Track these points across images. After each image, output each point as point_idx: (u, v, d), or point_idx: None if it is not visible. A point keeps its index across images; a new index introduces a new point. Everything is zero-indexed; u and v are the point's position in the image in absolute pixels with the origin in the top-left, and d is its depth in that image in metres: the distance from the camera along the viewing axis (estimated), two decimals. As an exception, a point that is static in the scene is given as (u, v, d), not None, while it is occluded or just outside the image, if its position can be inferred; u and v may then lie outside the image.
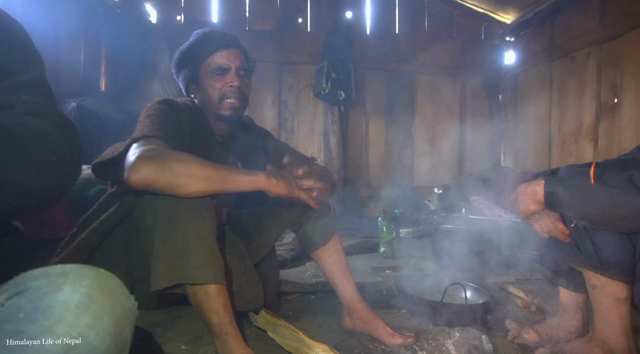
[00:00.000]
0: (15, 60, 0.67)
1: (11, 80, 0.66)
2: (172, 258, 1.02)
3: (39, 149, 0.60)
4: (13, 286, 0.52)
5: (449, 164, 4.55)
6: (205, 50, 1.35)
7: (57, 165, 0.62)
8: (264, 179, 1.10)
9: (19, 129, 0.60)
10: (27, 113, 0.64)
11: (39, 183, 0.60)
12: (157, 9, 4.08)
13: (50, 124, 0.64)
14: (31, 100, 0.66)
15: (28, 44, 0.71)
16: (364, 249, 2.56)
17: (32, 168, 0.59)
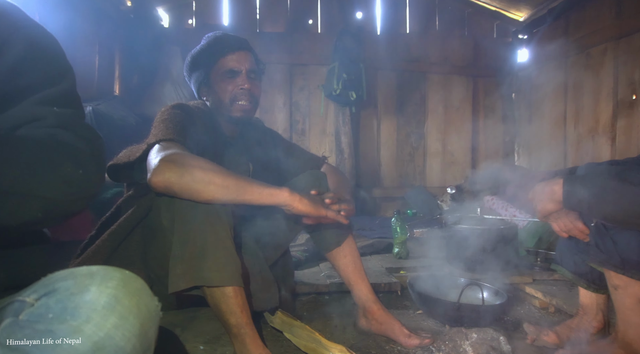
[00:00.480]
0: (48, 73, 0.69)
1: (44, 92, 0.67)
2: (190, 260, 1.03)
3: (67, 162, 0.61)
4: (42, 287, 0.53)
5: (462, 163, 4.52)
6: (216, 54, 1.37)
7: (83, 178, 0.63)
8: (286, 194, 1.09)
9: (49, 141, 0.61)
10: (58, 125, 0.65)
11: (65, 196, 0.61)
12: (169, 14, 4.12)
13: (79, 137, 0.65)
14: (62, 112, 0.67)
15: (61, 57, 0.72)
16: (377, 250, 2.55)
17: (59, 181, 0.60)
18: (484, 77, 4.47)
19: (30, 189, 0.57)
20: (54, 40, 0.72)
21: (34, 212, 0.58)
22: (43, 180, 0.58)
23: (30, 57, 0.67)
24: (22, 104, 0.65)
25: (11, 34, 0.66)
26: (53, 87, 0.68)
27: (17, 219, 0.57)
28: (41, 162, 0.58)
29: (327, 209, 1.17)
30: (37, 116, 0.65)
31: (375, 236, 2.98)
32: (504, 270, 1.97)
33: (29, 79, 0.66)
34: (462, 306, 1.45)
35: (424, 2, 4.44)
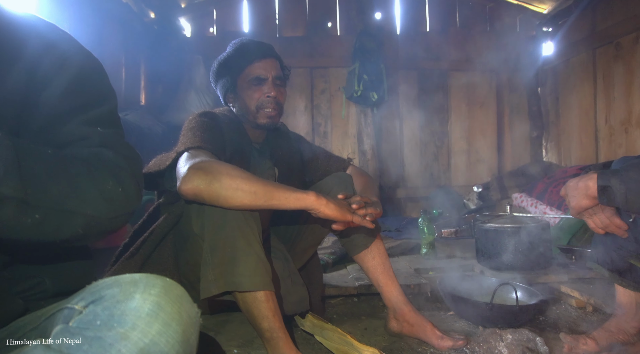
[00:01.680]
0: (94, 96, 0.72)
1: (90, 113, 0.70)
2: (221, 266, 1.05)
3: (109, 180, 0.63)
4: (89, 294, 0.55)
5: (488, 161, 4.43)
6: (242, 61, 1.39)
7: (122, 196, 0.65)
8: (313, 197, 1.10)
9: (93, 160, 0.64)
10: (101, 145, 0.68)
11: (105, 213, 0.63)
12: (191, 23, 4.21)
13: (120, 156, 0.68)
14: (105, 132, 0.70)
15: (105, 80, 0.76)
16: (405, 251, 2.53)
17: (100, 199, 0.62)
18: (508, 73, 4.38)
19: (74, 206, 0.59)
20: (99, 65, 0.77)
21: (75, 229, 0.60)
22: (86, 197, 0.60)
23: (80, 81, 0.71)
24: (70, 125, 0.69)
25: (66, 60, 0.70)
26: (98, 108, 0.72)
27: (59, 235, 0.59)
28: (85, 180, 0.61)
29: (353, 214, 1.17)
30: (83, 135, 0.68)
31: (402, 237, 2.96)
32: (537, 269, 1.92)
33: (78, 101, 0.70)
34: (496, 307, 1.42)
35: (443, 0, 4.39)
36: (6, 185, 0.52)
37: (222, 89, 1.46)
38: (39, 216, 0.56)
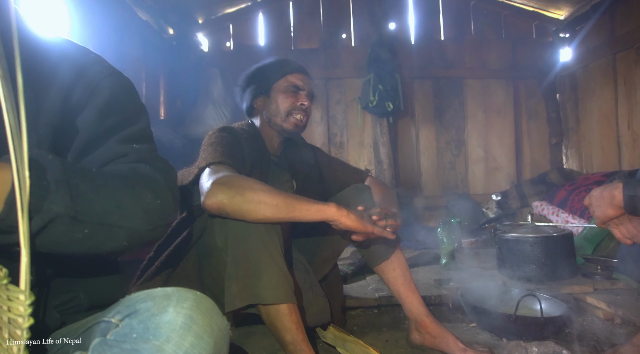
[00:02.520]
0: (128, 114, 0.76)
1: (125, 131, 0.74)
2: (244, 279, 1.06)
3: (147, 194, 0.66)
4: (124, 307, 0.57)
5: (506, 169, 4.38)
6: (283, 69, 1.46)
7: (160, 208, 0.67)
8: (334, 209, 1.12)
9: (132, 175, 0.67)
10: (138, 161, 0.71)
11: (145, 225, 0.65)
12: (208, 38, 4.30)
13: (156, 170, 0.71)
14: (141, 148, 0.74)
15: (137, 98, 0.80)
16: (424, 261, 2.51)
17: (140, 212, 0.64)
18: (525, 79, 4.34)
19: (117, 220, 0.61)
20: (130, 83, 0.80)
21: (119, 241, 0.63)
22: (127, 211, 0.63)
23: (113, 101, 0.74)
24: (107, 144, 0.72)
25: (100, 81, 0.73)
26: (132, 125, 0.75)
27: (105, 248, 0.62)
28: (126, 194, 0.63)
29: (373, 225, 1.18)
30: (121, 153, 0.71)
31: (420, 247, 2.94)
32: (561, 279, 1.88)
33: (113, 121, 0.74)
34: (520, 318, 1.40)
35: (457, 8, 4.39)
36: (58, 203, 0.54)
37: (254, 91, 1.49)
38: (87, 230, 0.58)
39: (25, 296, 0.47)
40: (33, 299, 0.47)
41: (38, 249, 0.56)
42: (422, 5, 4.38)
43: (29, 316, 0.47)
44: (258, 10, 4.28)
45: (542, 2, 4.09)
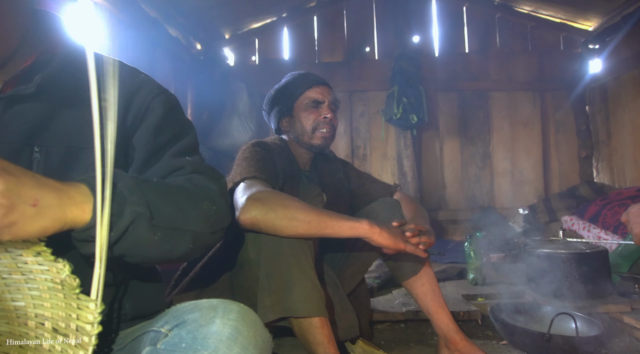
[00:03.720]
0: (179, 129, 0.81)
1: (177, 146, 0.79)
2: (277, 292, 1.07)
3: (205, 201, 0.70)
4: (172, 318, 0.59)
5: (533, 182, 4.29)
6: (301, 86, 1.48)
7: (217, 213, 0.71)
8: (367, 226, 1.12)
9: (189, 185, 0.71)
10: (192, 172, 0.75)
11: (207, 229, 0.69)
12: (234, 53, 4.40)
13: (210, 180, 0.75)
14: (193, 160, 0.78)
15: (183, 113, 0.85)
16: (451, 276, 2.47)
17: (201, 217, 0.68)
18: (552, 91, 4.27)
19: (183, 224, 0.65)
20: (176, 99, 0.85)
21: (187, 245, 0.67)
22: (190, 216, 0.67)
23: (166, 118, 0.79)
24: (164, 158, 0.77)
25: (151, 101, 0.78)
26: (183, 139, 0.80)
27: (176, 252, 0.66)
28: (187, 202, 0.67)
29: (406, 243, 1.18)
30: (177, 166, 0.76)
31: (446, 261, 2.90)
32: (595, 298, 1.82)
33: (167, 136, 0.78)
34: (554, 337, 1.36)
35: (482, 20, 4.38)
36: (135, 203, 0.59)
37: (278, 113, 1.52)
38: (160, 233, 0.62)
39: (96, 305, 0.50)
40: (103, 308, 0.50)
41: (122, 253, 0.60)
42: (446, 18, 4.39)
43: (98, 324, 0.49)
44: (283, 25, 4.36)
45: (570, 14, 4.04)
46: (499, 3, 4.30)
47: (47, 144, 0.70)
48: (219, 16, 3.89)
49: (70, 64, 0.74)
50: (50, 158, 0.70)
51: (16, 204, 0.49)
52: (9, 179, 0.49)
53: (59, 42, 0.76)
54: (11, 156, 0.68)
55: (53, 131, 0.71)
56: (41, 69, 0.71)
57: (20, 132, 0.69)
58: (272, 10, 4.20)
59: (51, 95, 0.71)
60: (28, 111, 0.70)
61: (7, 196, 0.48)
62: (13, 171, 0.51)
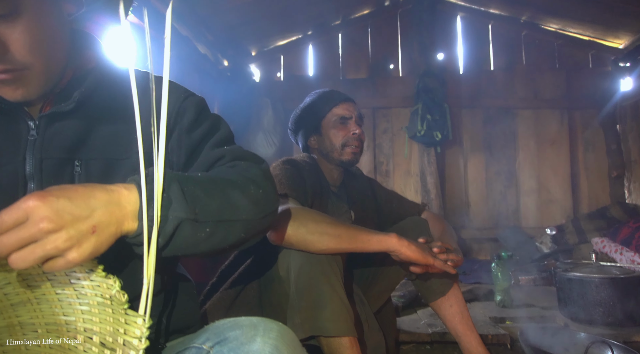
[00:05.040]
0: (211, 123, 0.84)
1: (214, 138, 0.81)
2: (307, 310, 1.08)
3: (250, 186, 0.71)
4: (213, 335, 0.60)
5: (561, 202, 4.18)
6: (328, 104, 1.50)
7: (264, 196, 0.72)
8: (395, 239, 1.13)
9: (232, 173, 0.72)
10: (233, 159, 0.77)
11: (256, 215, 0.70)
12: (260, 69, 4.49)
13: (252, 164, 0.77)
14: (232, 148, 0.80)
15: (210, 109, 0.88)
16: (477, 297, 2.42)
17: (249, 204, 0.69)
18: (581, 110, 4.18)
19: (231, 215, 0.66)
20: (204, 100, 0.88)
21: (239, 234, 0.68)
22: (239, 205, 0.68)
23: (198, 115, 0.82)
24: (204, 151, 0.79)
25: (181, 104, 0.82)
26: (218, 132, 0.83)
27: (227, 243, 0.67)
28: (233, 191, 0.68)
29: (434, 258, 1.17)
30: (217, 156, 0.78)
31: (472, 281, 2.84)
32: (631, 326, 1.76)
33: (202, 131, 0.81)
34: (590, 367, 1.31)
35: (507, 38, 4.35)
36: (180, 210, 0.60)
37: (306, 132, 1.54)
38: (208, 229, 0.63)
39: (144, 320, 0.51)
40: (151, 324, 0.51)
41: (173, 253, 0.62)
42: (471, 36, 4.38)
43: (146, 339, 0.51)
44: (308, 42, 4.44)
45: (599, 32, 3.98)
46: (525, 21, 4.27)
47: (86, 157, 0.73)
48: (246, 34, 3.99)
49: (105, 79, 0.78)
50: (90, 171, 0.73)
51: (76, 236, 0.51)
52: (64, 215, 0.51)
53: (92, 58, 0.80)
54: (55, 171, 0.72)
55: (91, 145, 0.74)
56: (78, 85, 0.75)
57: (62, 148, 0.72)
58: (298, 28, 4.29)
59: (88, 110, 0.75)
60: (68, 127, 0.73)
61: (70, 235, 0.51)
62: (66, 196, 0.52)
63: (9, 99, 0.68)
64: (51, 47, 0.68)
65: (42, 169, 0.71)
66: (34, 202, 0.49)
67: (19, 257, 0.49)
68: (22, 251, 0.49)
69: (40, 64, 0.67)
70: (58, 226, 0.50)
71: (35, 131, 0.72)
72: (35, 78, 0.68)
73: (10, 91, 0.67)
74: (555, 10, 3.92)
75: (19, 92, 0.67)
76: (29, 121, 0.73)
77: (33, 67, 0.66)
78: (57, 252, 0.50)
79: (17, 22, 0.63)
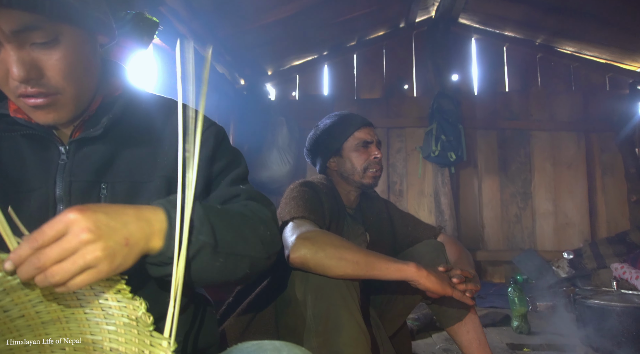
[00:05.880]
0: (230, 158, 0.85)
1: (231, 174, 0.83)
2: (324, 334, 1.07)
3: (260, 227, 0.73)
4: None
5: (579, 225, 4.10)
6: (350, 127, 1.51)
7: (270, 238, 0.75)
8: (414, 269, 1.12)
9: (245, 211, 0.75)
10: (247, 199, 0.79)
11: (262, 254, 0.72)
12: (276, 88, 4.57)
13: (263, 206, 0.79)
14: (247, 188, 0.82)
15: (231, 143, 0.89)
16: (493, 322, 2.37)
17: (258, 242, 0.72)
18: (598, 132, 4.14)
19: (242, 249, 0.69)
20: (225, 131, 0.89)
21: (245, 270, 0.70)
22: (249, 242, 0.70)
23: (218, 147, 0.84)
24: (221, 186, 0.82)
25: (206, 130, 0.83)
26: (235, 169, 0.84)
27: (235, 276, 0.69)
28: (246, 228, 0.71)
29: (453, 289, 1.16)
30: (233, 194, 0.80)
31: (487, 305, 2.79)
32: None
33: (221, 165, 0.83)
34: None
35: (523, 61, 4.37)
36: (204, 233, 0.63)
37: (325, 154, 1.54)
38: (222, 260, 0.66)
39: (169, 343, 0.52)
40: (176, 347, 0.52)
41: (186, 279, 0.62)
42: (486, 57, 4.40)
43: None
44: (324, 62, 4.50)
45: (617, 55, 3.97)
46: (540, 44, 4.29)
47: (112, 180, 0.76)
48: (263, 54, 4.07)
49: (131, 105, 0.81)
50: (115, 193, 0.76)
51: (112, 247, 0.54)
52: (101, 226, 0.53)
53: (119, 85, 0.83)
54: (83, 193, 0.75)
55: (117, 168, 0.77)
56: (106, 112, 0.78)
57: (90, 171, 0.75)
58: (314, 49, 4.36)
59: (115, 135, 0.78)
60: (95, 151, 0.77)
61: (108, 245, 0.53)
62: (102, 211, 0.55)
63: (40, 122, 0.72)
64: (83, 74, 0.72)
65: (71, 192, 0.74)
66: (74, 215, 0.52)
67: (60, 268, 0.50)
68: (64, 262, 0.51)
69: (72, 89, 0.70)
70: (97, 237, 0.52)
71: (66, 155, 0.76)
72: (67, 103, 0.71)
73: (43, 115, 0.71)
74: (570, 33, 3.93)
75: (50, 116, 0.71)
76: (60, 146, 0.76)
77: (65, 93, 0.70)
78: (96, 263, 0.52)
79: (55, 49, 0.66)
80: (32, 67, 0.65)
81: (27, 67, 0.65)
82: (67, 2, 0.64)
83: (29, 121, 0.74)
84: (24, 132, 0.75)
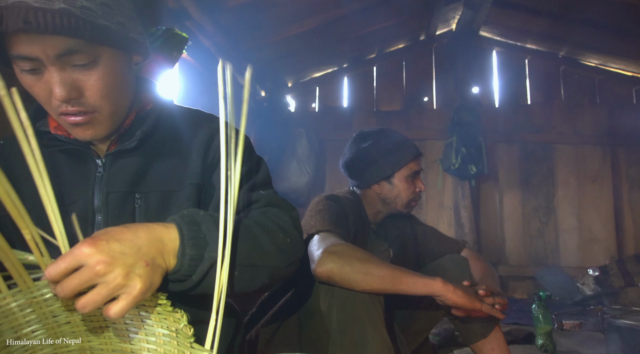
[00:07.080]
0: (252, 164, 0.87)
1: (252, 180, 0.84)
2: (349, 348, 1.07)
3: (279, 234, 0.73)
4: None
5: (605, 241, 4.00)
6: (406, 157, 1.49)
7: (290, 245, 0.74)
8: (440, 284, 1.12)
9: (264, 219, 0.75)
10: (267, 205, 0.80)
11: (281, 262, 0.72)
12: (296, 100, 4.62)
13: (283, 212, 0.79)
14: (267, 194, 0.83)
15: (254, 150, 0.91)
16: (516, 339, 2.31)
17: (277, 251, 0.71)
18: (625, 146, 4.05)
19: (259, 260, 0.69)
20: (249, 139, 0.91)
21: (264, 280, 0.70)
22: (267, 252, 0.70)
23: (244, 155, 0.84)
24: (240, 193, 0.81)
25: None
26: (257, 174, 0.86)
27: (253, 287, 0.70)
28: (263, 237, 0.71)
29: (481, 303, 1.14)
30: (252, 200, 0.81)
31: (510, 322, 2.72)
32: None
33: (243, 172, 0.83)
34: None
35: (545, 73, 4.32)
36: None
37: (374, 176, 1.50)
38: (237, 272, 0.66)
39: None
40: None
41: (203, 292, 0.64)
42: (507, 70, 4.37)
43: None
44: (344, 74, 4.54)
45: (643, 67, 3.89)
46: (563, 56, 4.24)
47: (146, 190, 0.79)
48: (284, 66, 4.13)
49: (161, 118, 0.85)
50: (149, 203, 0.79)
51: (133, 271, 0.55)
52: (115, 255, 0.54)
53: (150, 100, 0.87)
54: (119, 204, 0.79)
55: (150, 179, 0.80)
56: (139, 125, 0.82)
57: (125, 182, 0.79)
58: (333, 61, 4.41)
59: (147, 147, 0.82)
60: (130, 163, 0.80)
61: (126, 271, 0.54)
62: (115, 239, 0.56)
63: (79, 138, 0.76)
64: (120, 93, 0.76)
65: (108, 203, 0.78)
66: (87, 249, 0.53)
67: (86, 300, 0.52)
68: (88, 295, 0.53)
69: (109, 107, 0.74)
70: (113, 267, 0.53)
71: (102, 168, 0.80)
72: (104, 120, 0.75)
73: (81, 132, 0.75)
74: (595, 46, 3.88)
75: (88, 133, 0.75)
76: (97, 159, 0.80)
77: (103, 111, 0.74)
78: (120, 289, 0.54)
79: (94, 70, 0.70)
80: (72, 87, 0.69)
81: (68, 88, 0.68)
82: (106, 27, 0.67)
83: (68, 137, 0.79)
84: (64, 147, 0.79)
